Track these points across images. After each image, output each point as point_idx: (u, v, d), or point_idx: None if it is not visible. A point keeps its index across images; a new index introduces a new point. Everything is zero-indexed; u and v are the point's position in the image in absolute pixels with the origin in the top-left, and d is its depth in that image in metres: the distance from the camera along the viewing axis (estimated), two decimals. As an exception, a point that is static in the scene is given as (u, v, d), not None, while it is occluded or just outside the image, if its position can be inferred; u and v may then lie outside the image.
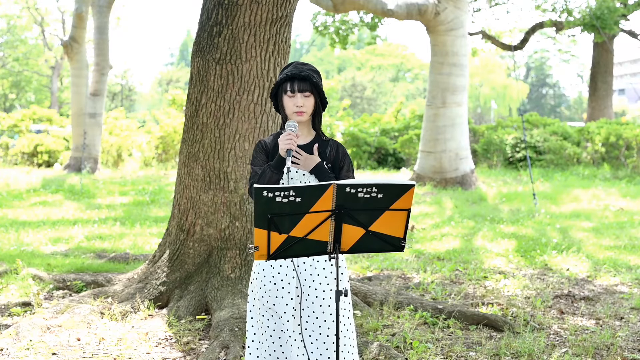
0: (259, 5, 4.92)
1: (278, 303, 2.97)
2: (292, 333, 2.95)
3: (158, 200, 11.84)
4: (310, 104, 3.03)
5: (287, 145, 2.87)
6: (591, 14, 20.11)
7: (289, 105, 3.02)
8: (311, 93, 3.02)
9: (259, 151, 3.07)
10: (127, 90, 47.66)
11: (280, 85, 3.05)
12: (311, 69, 3.07)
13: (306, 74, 3.00)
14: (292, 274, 2.99)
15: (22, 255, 6.74)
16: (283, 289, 2.98)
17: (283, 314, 2.96)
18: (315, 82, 3.00)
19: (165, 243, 5.37)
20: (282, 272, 3.00)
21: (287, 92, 3.02)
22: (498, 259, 7.19)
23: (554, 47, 48.40)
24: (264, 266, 3.03)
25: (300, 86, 3.00)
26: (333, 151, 3.11)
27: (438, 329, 4.82)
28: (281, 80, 3.03)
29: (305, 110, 3.01)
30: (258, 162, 3.05)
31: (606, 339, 4.61)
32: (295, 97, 3.01)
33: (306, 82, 3.00)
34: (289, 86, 3.01)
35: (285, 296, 2.97)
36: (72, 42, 18.29)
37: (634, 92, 43.01)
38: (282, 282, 2.99)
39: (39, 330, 4.48)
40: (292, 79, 3.00)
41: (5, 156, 21.13)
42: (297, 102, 3.00)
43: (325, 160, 3.08)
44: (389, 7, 14.19)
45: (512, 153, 19.06)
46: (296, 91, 3.00)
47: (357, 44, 44.61)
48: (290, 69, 3.05)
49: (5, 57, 43.45)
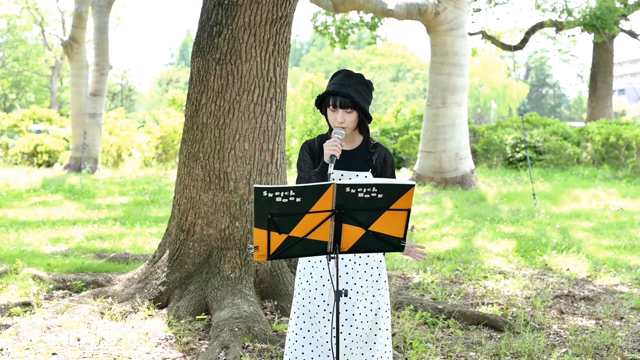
0: (259, 5, 4.92)
1: (312, 303, 3.00)
2: (324, 335, 2.97)
3: (158, 200, 11.84)
4: (351, 119, 3.02)
5: (332, 151, 2.88)
6: (591, 14, 20.10)
7: (332, 118, 3.03)
8: (353, 109, 3.01)
9: (305, 152, 3.09)
10: (127, 90, 47.65)
11: (325, 98, 3.06)
12: (359, 82, 3.03)
13: (346, 92, 2.97)
14: (327, 275, 2.99)
15: (22, 255, 6.74)
16: (316, 290, 3.00)
17: (315, 314, 2.99)
18: (357, 101, 2.97)
19: (165, 243, 5.37)
20: (318, 273, 3.01)
21: (329, 106, 3.03)
22: (498, 259, 7.19)
23: (554, 47, 48.38)
24: (304, 265, 3.05)
25: (341, 102, 2.99)
26: (380, 159, 3.11)
27: (438, 329, 4.82)
28: (324, 94, 3.04)
29: (347, 125, 3.01)
30: (304, 166, 3.06)
31: (606, 339, 4.61)
32: (336, 112, 3.01)
33: (348, 99, 2.98)
34: (331, 100, 3.01)
35: (318, 297, 2.99)
36: (72, 42, 18.30)
37: (634, 92, 43.01)
38: (316, 283, 3.01)
39: (39, 330, 4.48)
40: (335, 95, 3.00)
41: (5, 156, 21.13)
42: (338, 118, 3.00)
43: (371, 168, 3.08)
44: (389, 7, 14.19)
45: (512, 153, 19.06)
46: (338, 107, 3.00)
47: (357, 44, 44.62)
48: (336, 81, 3.03)
49: (5, 57, 43.45)
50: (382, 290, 3.06)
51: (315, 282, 3.01)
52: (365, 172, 3.05)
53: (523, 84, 56.40)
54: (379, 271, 3.06)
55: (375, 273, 3.05)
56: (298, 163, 3.09)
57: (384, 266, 3.10)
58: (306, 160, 3.07)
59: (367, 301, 3.01)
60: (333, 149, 2.89)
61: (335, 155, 2.88)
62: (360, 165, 3.06)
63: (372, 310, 3.02)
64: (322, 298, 2.99)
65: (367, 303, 3.01)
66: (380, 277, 3.07)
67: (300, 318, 3.04)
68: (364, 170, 3.06)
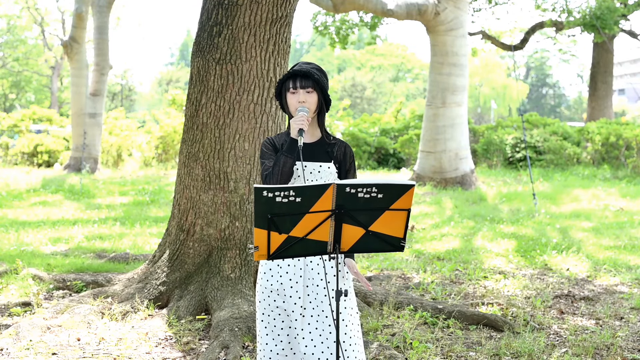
0: (259, 5, 4.92)
1: (287, 302, 2.99)
2: (300, 331, 2.97)
3: (158, 200, 11.84)
4: (313, 101, 3.03)
5: (300, 125, 2.91)
6: (591, 14, 20.10)
7: (292, 102, 3.03)
8: (313, 89, 3.03)
9: (267, 145, 3.09)
10: (127, 90, 47.65)
11: (283, 84, 3.07)
12: (316, 67, 3.09)
13: (307, 69, 3.02)
14: (300, 272, 3.00)
15: (22, 255, 6.74)
16: (291, 288, 3.00)
17: (291, 312, 2.98)
18: (317, 78, 3.02)
19: (165, 243, 5.37)
20: (289, 272, 3.01)
21: (289, 89, 3.04)
22: (498, 259, 7.19)
23: (554, 47, 48.39)
24: (270, 266, 3.03)
25: (302, 82, 3.01)
26: (341, 152, 3.13)
27: (438, 329, 4.82)
28: (284, 78, 3.06)
29: (308, 106, 3.02)
30: (268, 156, 3.05)
31: (606, 339, 4.61)
32: (297, 94, 3.02)
33: (308, 78, 3.02)
34: (291, 83, 3.03)
35: (294, 295, 2.99)
36: (72, 42, 18.30)
37: (634, 92, 43.03)
38: (290, 282, 3.00)
39: (39, 330, 4.48)
40: (294, 76, 3.03)
41: (5, 156, 21.13)
42: (299, 98, 3.01)
43: (333, 159, 3.09)
44: (389, 7, 14.19)
45: (512, 153, 19.06)
46: (298, 87, 3.02)
47: (357, 44, 44.64)
48: (294, 67, 3.08)
49: (5, 57, 43.44)
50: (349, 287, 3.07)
51: (288, 282, 3.00)
52: (328, 163, 3.07)
53: (523, 84, 56.39)
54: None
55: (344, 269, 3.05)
56: (261, 156, 3.08)
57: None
58: (268, 152, 3.06)
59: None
60: (301, 123, 2.92)
61: (303, 129, 2.91)
62: (321, 157, 3.08)
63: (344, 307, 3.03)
64: (297, 295, 2.98)
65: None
66: (349, 275, 3.08)
67: (277, 319, 3.01)
68: (326, 161, 3.08)
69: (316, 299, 3.01)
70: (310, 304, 3.01)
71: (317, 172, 3.04)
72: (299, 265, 3.01)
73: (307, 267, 3.02)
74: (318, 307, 3.01)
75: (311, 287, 3.02)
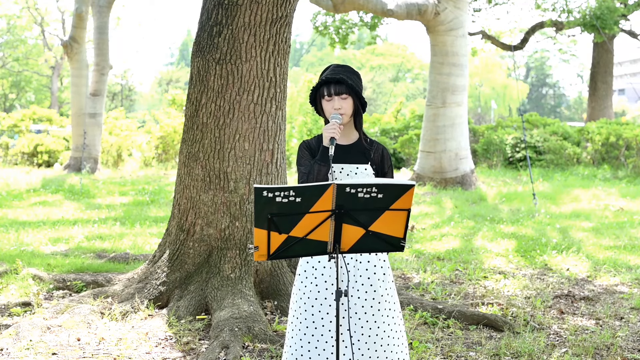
0: (259, 5, 4.92)
1: (315, 304, 2.98)
2: (330, 339, 2.95)
3: (158, 200, 11.84)
4: (348, 106, 3.05)
5: (331, 133, 2.92)
6: (591, 14, 20.10)
7: (327, 108, 3.05)
8: (348, 95, 3.04)
9: (304, 149, 3.10)
10: (127, 90, 47.62)
11: (318, 90, 3.08)
12: (348, 70, 3.09)
13: (340, 77, 3.02)
14: (334, 275, 2.99)
15: (22, 255, 6.73)
16: (326, 290, 2.99)
17: (326, 314, 2.97)
18: (351, 83, 3.03)
19: (165, 243, 5.37)
20: (325, 274, 3.00)
21: (324, 96, 3.05)
22: (498, 259, 7.19)
23: (554, 47, 48.39)
24: (305, 267, 3.04)
25: (336, 89, 3.02)
26: (378, 154, 3.14)
27: (438, 329, 4.82)
28: (318, 85, 3.07)
29: (344, 112, 3.04)
30: (304, 162, 3.07)
31: (606, 339, 4.61)
32: (332, 100, 3.03)
33: (342, 84, 3.02)
34: (325, 90, 3.05)
35: (329, 297, 2.97)
36: (72, 42, 18.30)
37: (634, 92, 42.99)
38: (325, 284, 2.99)
39: (39, 330, 4.48)
40: (328, 83, 3.03)
41: (5, 156, 21.13)
42: (335, 105, 3.03)
43: (370, 161, 3.10)
44: (389, 7, 14.19)
45: (512, 153, 19.06)
46: (333, 94, 3.03)
47: (357, 44, 44.60)
48: (327, 72, 3.09)
49: (5, 57, 43.43)
50: (389, 290, 3.05)
51: (318, 284, 3.00)
52: (365, 165, 3.07)
53: (523, 84, 56.40)
54: (383, 270, 3.05)
55: (380, 272, 3.04)
56: (298, 161, 3.10)
57: (388, 265, 3.09)
58: (306, 157, 3.08)
59: (374, 300, 3.00)
60: (332, 131, 2.93)
61: (335, 138, 2.92)
62: (358, 159, 3.09)
63: (379, 310, 3.00)
64: (325, 300, 2.98)
65: (374, 303, 3.00)
66: (386, 277, 3.06)
67: (303, 323, 3.00)
68: (363, 163, 3.08)
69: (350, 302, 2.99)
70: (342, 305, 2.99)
71: (355, 173, 3.05)
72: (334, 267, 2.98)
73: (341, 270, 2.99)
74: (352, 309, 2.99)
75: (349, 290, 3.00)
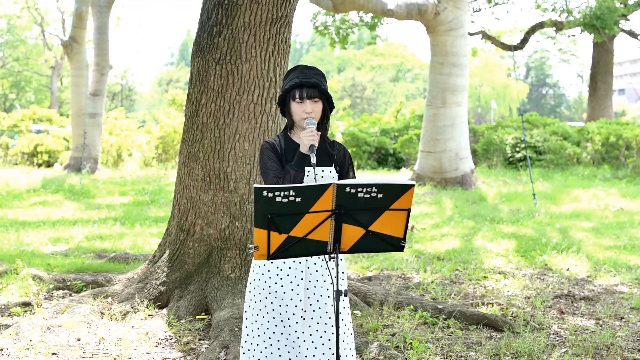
0: (259, 5, 4.92)
1: (286, 305, 2.98)
2: (301, 334, 2.96)
3: (158, 200, 11.84)
4: (318, 109, 3.06)
5: (311, 140, 2.92)
6: (591, 14, 20.10)
7: (298, 111, 3.04)
8: (319, 99, 3.04)
9: (270, 150, 3.04)
10: (127, 90, 47.61)
11: (289, 92, 3.06)
12: (318, 73, 3.09)
13: (314, 80, 3.02)
14: (301, 275, 2.99)
15: (22, 255, 6.73)
16: (292, 290, 2.98)
17: (292, 315, 2.97)
18: (324, 88, 3.03)
19: (165, 243, 5.37)
20: (290, 274, 3.00)
21: (295, 99, 3.03)
22: (498, 259, 7.19)
23: (554, 47, 48.40)
24: (269, 267, 3.02)
25: (309, 93, 3.02)
26: (341, 153, 3.15)
27: (438, 329, 4.82)
28: (290, 87, 3.05)
29: (314, 115, 3.04)
30: (273, 165, 3.00)
31: (606, 339, 4.61)
32: (304, 104, 3.02)
33: (315, 88, 3.02)
34: (297, 93, 3.03)
35: (294, 298, 2.98)
36: (72, 42, 18.29)
37: (634, 92, 42.98)
38: (290, 284, 2.99)
39: (39, 330, 4.48)
40: (301, 86, 3.02)
41: (5, 156, 21.12)
42: (306, 109, 3.02)
43: (333, 162, 3.11)
44: (389, 7, 14.19)
45: (512, 153, 19.06)
46: (305, 98, 3.02)
47: (357, 44, 44.63)
48: (297, 75, 3.06)
49: (5, 57, 43.43)
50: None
51: (289, 284, 2.99)
52: (330, 167, 3.09)
53: (523, 84, 56.38)
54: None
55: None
56: (264, 163, 3.02)
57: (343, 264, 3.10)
58: (273, 160, 3.03)
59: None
60: (312, 138, 2.93)
61: (314, 145, 2.91)
62: (324, 161, 3.09)
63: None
64: (297, 299, 2.98)
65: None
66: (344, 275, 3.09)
67: (272, 322, 2.99)
68: (327, 165, 3.09)
69: (318, 301, 3.01)
70: (311, 306, 3.00)
71: (321, 177, 3.06)
72: (300, 267, 3.00)
73: (308, 270, 3.01)
74: (320, 309, 3.00)
75: (312, 290, 3.01)
